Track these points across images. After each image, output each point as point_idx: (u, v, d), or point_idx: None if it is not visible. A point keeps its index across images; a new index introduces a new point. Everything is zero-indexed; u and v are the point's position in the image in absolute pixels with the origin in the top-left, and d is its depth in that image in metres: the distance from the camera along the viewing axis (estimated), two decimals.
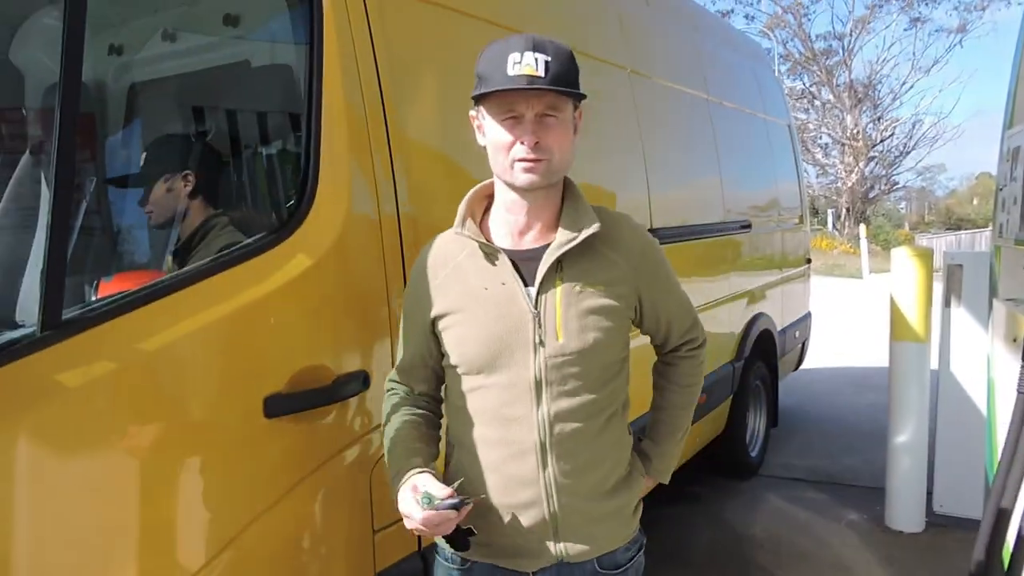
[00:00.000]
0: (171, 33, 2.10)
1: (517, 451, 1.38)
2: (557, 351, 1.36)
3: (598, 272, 1.40)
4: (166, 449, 1.31)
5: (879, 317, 7.21)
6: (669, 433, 1.62)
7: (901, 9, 29.66)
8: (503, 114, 1.31)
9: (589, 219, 1.40)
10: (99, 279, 1.55)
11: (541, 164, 1.31)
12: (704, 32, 4.12)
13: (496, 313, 1.37)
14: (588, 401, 1.40)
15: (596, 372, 1.41)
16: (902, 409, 3.66)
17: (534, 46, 1.29)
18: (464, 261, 1.41)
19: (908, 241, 27.18)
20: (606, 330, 1.40)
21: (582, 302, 1.38)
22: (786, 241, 5.01)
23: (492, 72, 1.30)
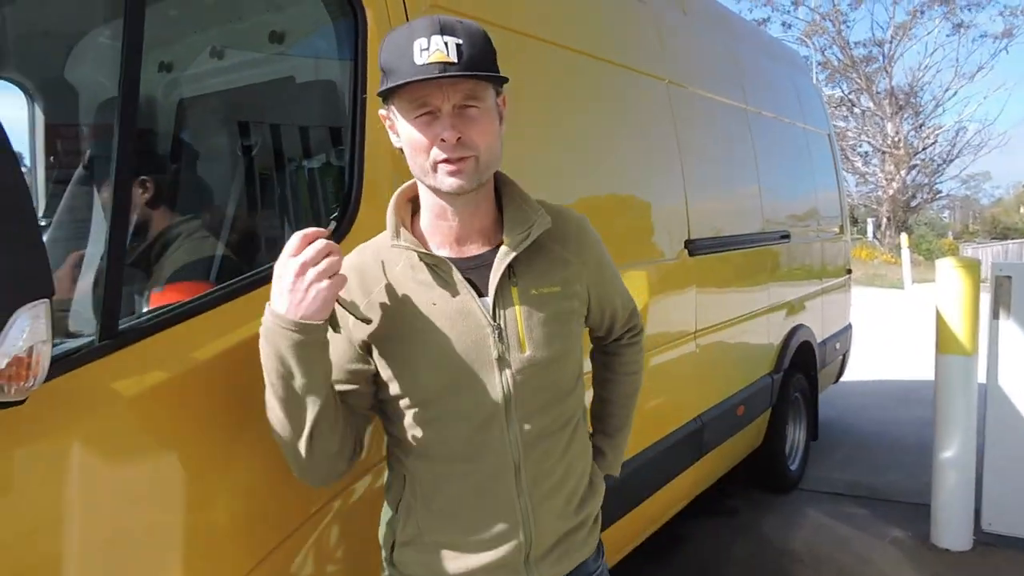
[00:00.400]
0: (219, 50, 2.16)
1: (489, 480, 1.25)
2: (523, 364, 1.23)
3: (552, 272, 1.28)
4: (218, 458, 1.34)
5: (922, 329, 7.05)
6: (621, 425, 1.56)
7: (944, 15, 29.06)
8: (416, 110, 1.15)
9: (537, 215, 1.27)
10: (150, 289, 1.60)
11: (467, 163, 1.16)
12: (741, 41, 4.09)
13: (451, 330, 1.21)
14: (557, 413, 1.29)
15: (563, 381, 1.30)
16: (948, 423, 3.57)
17: (441, 28, 1.12)
18: (401, 275, 1.24)
19: (952, 251, 26.50)
20: (570, 335, 1.30)
21: (542, 308, 1.25)
22: (826, 251, 4.93)
23: (397, 63, 1.13)
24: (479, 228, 1.26)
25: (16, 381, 0.96)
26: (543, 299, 1.26)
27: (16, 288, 0.93)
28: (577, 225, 1.36)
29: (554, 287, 1.28)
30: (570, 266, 1.31)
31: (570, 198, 2.39)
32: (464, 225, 1.25)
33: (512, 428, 1.24)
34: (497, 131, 1.21)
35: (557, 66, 2.38)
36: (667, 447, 2.87)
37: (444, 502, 1.27)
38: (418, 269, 1.23)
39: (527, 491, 1.26)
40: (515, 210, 1.27)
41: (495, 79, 1.19)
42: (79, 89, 2.29)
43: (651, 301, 2.77)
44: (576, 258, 1.33)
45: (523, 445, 1.25)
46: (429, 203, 1.25)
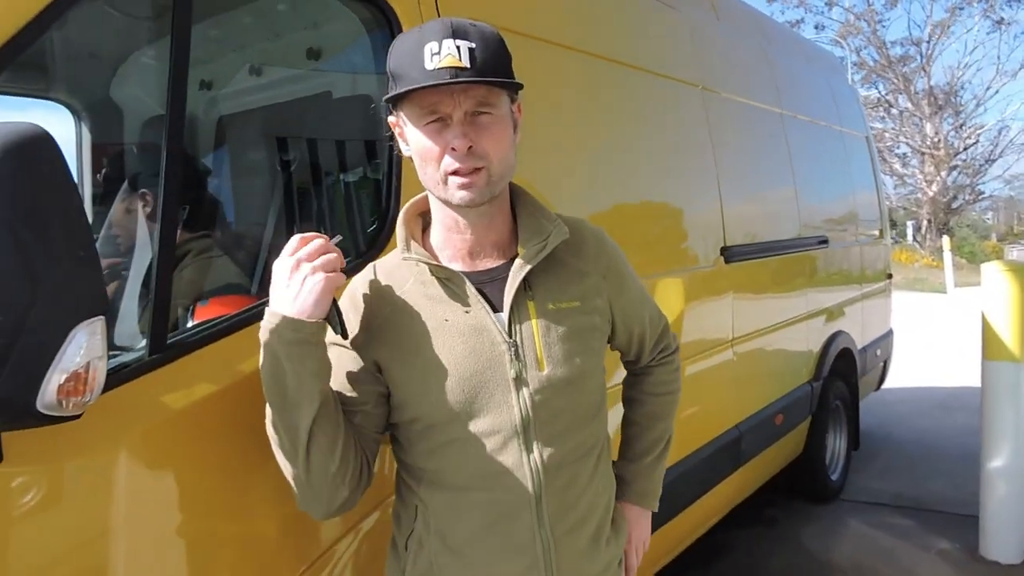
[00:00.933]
0: (257, 68, 2.21)
1: (508, 510, 1.16)
2: (542, 384, 1.16)
3: (570, 286, 1.21)
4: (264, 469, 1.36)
5: (966, 334, 6.87)
6: (644, 450, 1.41)
7: (983, 12, 28.41)
8: (426, 117, 1.09)
9: (553, 226, 1.20)
10: (195, 303, 1.63)
11: (479, 175, 1.10)
12: (775, 44, 4.05)
13: (464, 348, 1.14)
14: (579, 439, 1.21)
15: (585, 403, 1.22)
16: (996, 432, 3.48)
17: (454, 32, 1.06)
18: (412, 291, 1.18)
19: (997, 253, 25.82)
20: (591, 352, 1.22)
21: (561, 323, 1.18)
22: (865, 256, 4.84)
23: (407, 68, 1.07)
24: (494, 241, 1.20)
25: (74, 396, 0.99)
26: (561, 314, 1.19)
27: (74, 306, 0.96)
28: (594, 237, 1.30)
29: (573, 301, 1.21)
30: (588, 279, 1.25)
31: (606, 206, 2.38)
32: (478, 238, 1.19)
33: (532, 454, 1.15)
34: (511, 140, 1.15)
35: (591, 75, 2.38)
36: (705, 456, 2.84)
37: (459, 536, 1.18)
38: (429, 284, 1.17)
39: (548, 525, 1.17)
40: (530, 221, 1.21)
41: (510, 85, 1.11)
42: (124, 108, 2.36)
43: (687, 309, 2.75)
44: (594, 271, 1.26)
45: (544, 473, 1.16)
46: (441, 216, 1.19)
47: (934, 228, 29.53)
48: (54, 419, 1.00)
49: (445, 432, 1.16)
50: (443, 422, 1.16)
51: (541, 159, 2.10)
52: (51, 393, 0.97)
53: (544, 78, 2.17)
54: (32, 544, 1.09)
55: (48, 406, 0.98)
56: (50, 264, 0.93)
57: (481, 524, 1.17)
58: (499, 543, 1.17)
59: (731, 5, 3.64)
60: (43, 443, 1.08)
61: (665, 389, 1.45)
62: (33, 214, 0.92)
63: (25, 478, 1.08)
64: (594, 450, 1.25)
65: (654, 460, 1.44)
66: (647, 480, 1.43)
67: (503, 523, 1.17)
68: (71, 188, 0.96)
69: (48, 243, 0.93)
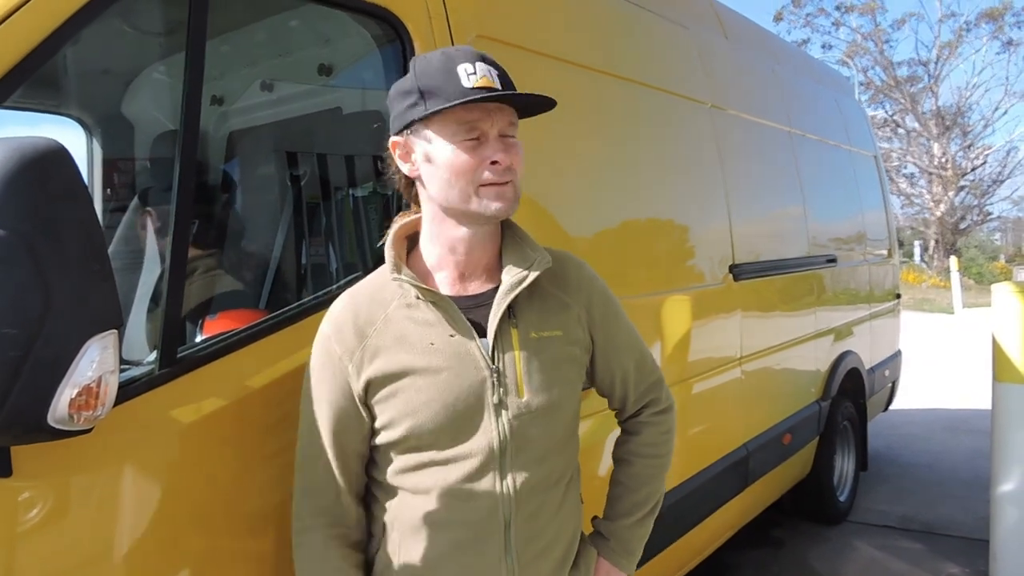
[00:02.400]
0: (268, 83, 2.22)
1: (477, 534, 1.18)
2: (521, 411, 1.18)
3: (552, 316, 1.24)
4: (273, 484, 1.35)
5: (974, 355, 6.82)
6: (625, 511, 1.38)
7: (991, 34, 28.49)
8: (463, 134, 1.12)
9: (537, 255, 1.23)
10: (204, 317, 1.63)
11: (509, 187, 1.15)
12: (783, 63, 4.06)
13: (449, 372, 1.16)
14: (551, 467, 1.23)
15: (559, 432, 1.24)
16: (1007, 456, 3.43)
17: (481, 57, 1.13)
18: (395, 314, 1.18)
19: (1005, 274, 25.68)
20: (569, 382, 1.24)
21: (542, 352, 1.21)
22: (873, 275, 4.82)
23: (442, 86, 1.11)
24: (484, 264, 1.23)
25: (85, 410, 0.99)
26: (543, 343, 1.22)
27: (88, 320, 0.96)
28: (577, 269, 1.32)
29: (555, 331, 1.23)
30: (570, 310, 1.26)
31: (614, 223, 2.38)
32: (471, 260, 1.22)
33: (505, 479, 1.17)
34: None
35: (600, 92, 2.39)
36: (712, 476, 2.82)
37: (427, 556, 1.19)
38: (414, 307, 1.19)
39: (515, 551, 1.19)
40: (516, 248, 1.24)
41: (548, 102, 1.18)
42: (135, 124, 2.38)
43: (695, 327, 2.74)
44: (576, 303, 1.28)
45: (516, 499, 1.18)
46: (442, 237, 1.21)
47: (942, 248, 29.44)
48: (65, 433, 1.00)
49: (423, 454, 1.17)
50: (424, 444, 1.17)
51: (550, 176, 2.10)
52: (63, 407, 0.97)
53: (553, 95, 2.17)
54: (40, 558, 1.08)
55: (59, 420, 0.97)
56: (64, 277, 0.93)
57: (450, 545, 1.18)
58: (468, 565, 1.19)
59: (739, 24, 3.65)
60: (52, 457, 1.08)
61: (653, 452, 1.41)
62: (48, 227, 0.92)
63: (34, 492, 1.08)
64: (563, 479, 1.27)
65: (635, 523, 1.40)
66: (625, 542, 1.40)
67: (472, 546, 1.18)
68: (86, 201, 0.97)
69: (62, 256, 0.93)
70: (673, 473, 2.61)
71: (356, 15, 1.69)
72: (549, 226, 2.06)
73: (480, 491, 1.17)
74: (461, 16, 1.83)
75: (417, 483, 1.18)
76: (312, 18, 1.96)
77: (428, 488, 1.18)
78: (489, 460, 1.16)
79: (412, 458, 1.18)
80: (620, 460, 1.43)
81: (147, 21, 1.88)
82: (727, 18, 3.49)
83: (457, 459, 1.16)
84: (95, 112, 2.42)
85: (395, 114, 1.19)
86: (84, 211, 0.95)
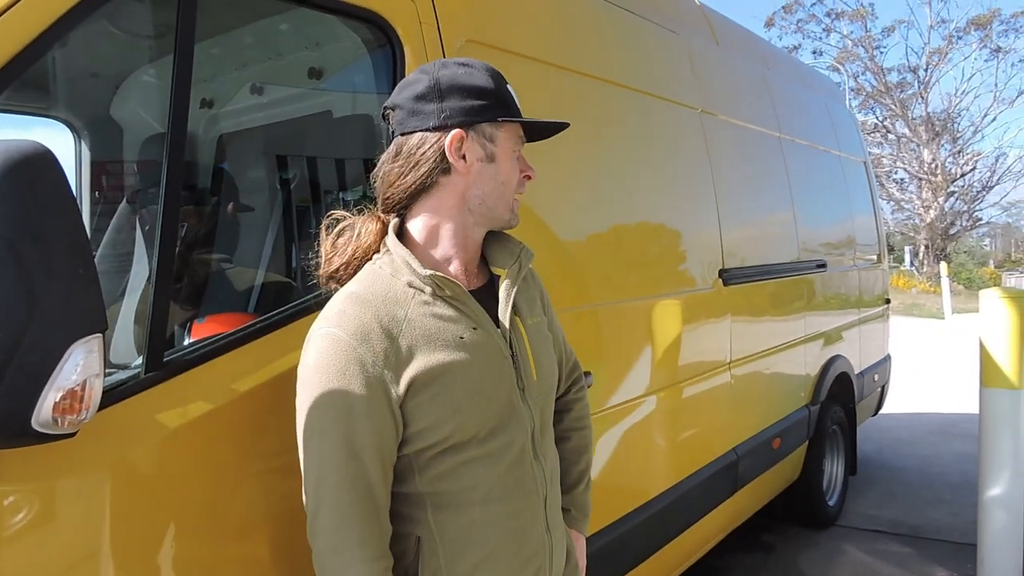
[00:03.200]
0: (259, 87, 2.22)
1: (524, 521, 1.20)
2: (539, 393, 1.26)
3: (534, 304, 1.35)
4: (261, 489, 1.35)
5: (963, 360, 6.86)
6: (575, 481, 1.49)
7: (980, 41, 28.71)
8: (519, 148, 1.26)
9: (520, 246, 1.31)
10: (192, 321, 1.63)
11: None
12: (774, 69, 4.09)
13: (482, 365, 1.17)
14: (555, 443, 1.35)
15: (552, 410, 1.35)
16: (995, 460, 3.45)
17: None
18: (417, 314, 1.15)
19: (995, 280, 25.86)
20: (555, 360, 1.37)
21: (539, 336, 1.31)
22: (863, 280, 4.85)
23: (507, 97, 1.22)
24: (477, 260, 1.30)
25: (69, 414, 0.98)
26: (537, 328, 1.31)
27: (72, 323, 0.96)
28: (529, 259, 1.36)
29: (539, 317, 1.34)
30: (537, 298, 1.38)
31: (604, 227, 2.39)
32: (473, 256, 1.28)
33: (539, 459, 1.24)
34: None
35: (589, 97, 2.40)
36: (701, 481, 2.82)
37: (476, 554, 1.17)
38: (432, 304, 1.16)
39: (550, 528, 1.26)
40: (499, 242, 1.31)
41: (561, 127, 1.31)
42: (124, 126, 2.37)
43: (685, 331, 2.75)
44: (536, 290, 1.40)
45: (549, 477, 1.26)
46: (459, 233, 1.23)
47: (931, 254, 29.63)
48: (49, 437, 0.99)
49: (468, 451, 1.15)
50: (467, 440, 1.15)
51: (539, 181, 2.09)
52: (47, 411, 0.96)
53: (543, 100, 2.18)
54: (25, 564, 1.07)
55: (44, 424, 0.97)
56: (49, 281, 0.92)
57: (499, 538, 1.18)
58: (514, 554, 1.20)
59: (730, 30, 3.67)
60: (37, 461, 1.07)
61: (583, 424, 1.53)
62: (33, 231, 0.92)
63: (18, 497, 1.07)
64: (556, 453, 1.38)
65: (584, 489, 1.51)
66: (581, 507, 1.51)
67: (520, 533, 1.20)
68: (71, 205, 0.96)
69: (47, 260, 0.92)
70: (662, 477, 2.62)
71: (346, 19, 1.69)
72: (538, 231, 2.07)
73: (523, 476, 1.21)
74: (451, 21, 1.84)
75: (461, 484, 1.15)
76: (302, 22, 1.96)
77: (472, 486, 1.16)
78: (527, 445, 1.21)
79: (452, 459, 1.15)
80: (559, 438, 1.45)
81: (136, 23, 1.88)
82: (718, 23, 3.51)
83: (502, 450, 1.18)
84: (84, 115, 2.41)
85: (459, 106, 1.17)
86: (69, 215, 0.95)
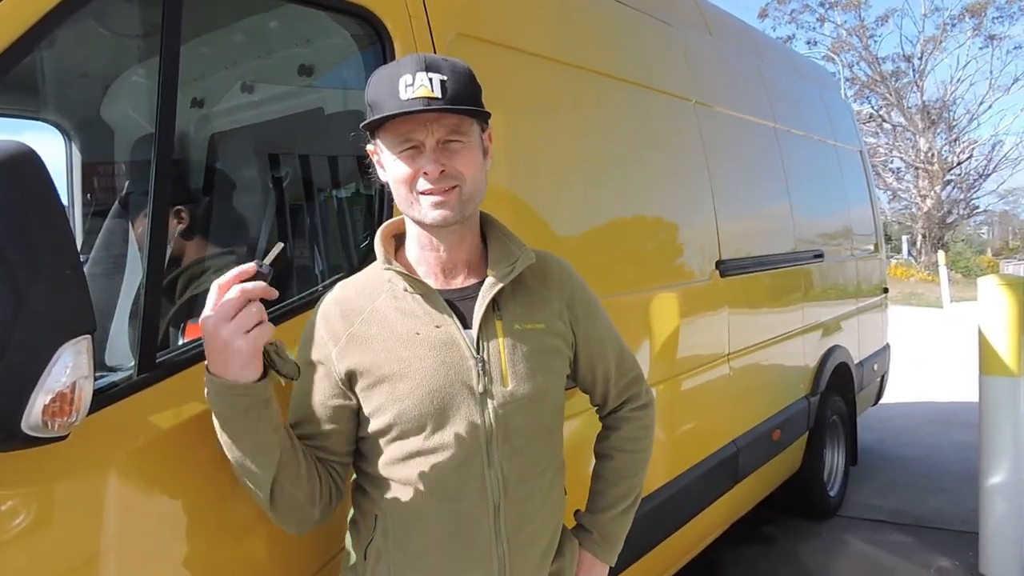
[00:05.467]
0: (249, 85, 2.21)
1: (468, 521, 1.21)
2: (506, 399, 1.21)
3: (535, 310, 1.29)
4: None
5: (962, 349, 6.86)
6: (607, 505, 1.42)
7: (974, 28, 28.71)
8: (400, 145, 1.17)
9: (521, 251, 1.28)
10: (186, 321, 1.62)
11: (452, 194, 1.17)
12: (768, 60, 4.07)
13: (434, 360, 1.19)
14: (538, 457, 1.27)
15: (544, 420, 1.28)
16: (995, 448, 3.46)
17: (427, 66, 1.15)
18: (383, 304, 1.23)
19: (992, 268, 25.90)
20: (552, 373, 1.29)
21: (526, 343, 1.25)
22: (861, 270, 4.84)
23: (383, 98, 1.15)
24: (465, 259, 1.27)
25: (59, 417, 0.97)
26: (526, 334, 1.26)
27: (60, 325, 0.95)
28: (559, 267, 1.37)
29: (538, 323, 1.28)
30: (552, 305, 1.31)
31: (600, 220, 2.38)
32: (451, 256, 1.26)
33: (493, 466, 1.21)
34: (481, 164, 1.22)
35: (583, 89, 2.38)
36: (701, 473, 2.82)
37: (419, 545, 1.22)
38: (401, 299, 1.23)
39: (505, 537, 1.22)
40: (500, 245, 1.29)
41: (479, 114, 1.19)
42: (114, 127, 2.35)
43: (682, 323, 2.74)
44: (558, 298, 1.33)
45: (504, 486, 1.22)
46: (415, 234, 1.26)
47: (929, 243, 29.66)
48: (40, 440, 0.98)
49: (411, 443, 1.20)
50: (411, 432, 1.19)
51: (534, 174, 2.09)
52: (36, 414, 0.95)
53: (536, 92, 2.17)
54: (18, 570, 1.07)
55: (33, 427, 0.96)
56: (36, 282, 0.92)
57: (441, 534, 1.21)
58: (458, 553, 1.21)
59: (724, 20, 3.66)
60: (28, 465, 1.06)
61: (632, 447, 1.45)
62: (19, 232, 0.91)
63: (10, 502, 1.06)
64: (548, 470, 1.31)
65: (617, 516, 1.44)
66: (607, 534, 1.44)
67: (463, 533, 1.21)
68: (57, 206, 0.95)
69: (34, 261, 0.92)
70: (662, 470, 2.61)
71: (336, 15, 1.68)
72: (534, 224, 2.06)
73: (470, 478, 1.20)
74: (441, 15, 1.82)
75: (407, 474, 1.21)
76: (292, 18, 1.94)
77: (417, 478, 1.20)
78: (476, 448, 1.20)
79: (399, 448, 1.21)
80: (601, 455, 1.47)
81: (124, 23, 1.86)
82: (711, 15, 3.49)
83: (444, 447, 1.19)
84: (73, 117, 2.40)
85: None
86: (55, 215, 0.94)
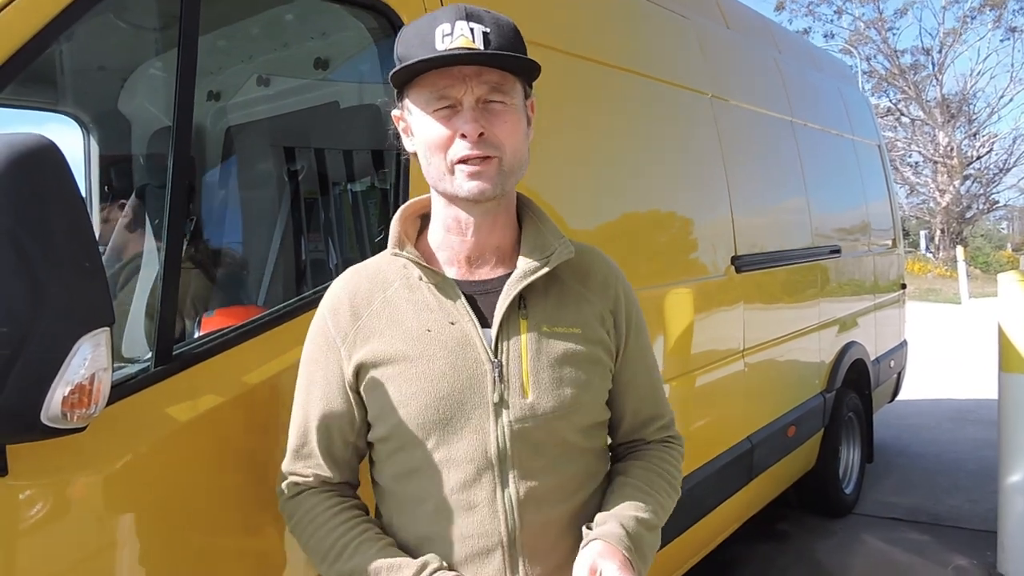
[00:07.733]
0: (265, 78, 2.21)
1: (478, 549, 1.04)
2: (525, 413, 1.04)
3: (570, 311, 1.10)
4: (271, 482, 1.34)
5: (981, 345, 6.80)
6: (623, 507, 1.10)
7: (994, 20, 28.29)
8: (435, 103, 1.00)
9: (559, 243, 1.10)
10: (202, 314, 1.62)
11: (490, 164, 1.01)
12: (786, 53, 4.03)
13: (444, 363, 1.04)
14: (563, 478, 1.08)
15: (573, 439, 1.09)
16: (1014, 446, 3.41)
17: (467, 15, 0.99)
18: (396, 295, 1.08)
19: (1012, 263, 25.58)
20: (585, 384, 1.08)
21: (555, 348, 1.07)
22: (878, 265, 4.80)
23: (416, 50, 0.99)
24: (495, 246, 1.10)
25: (78, 408, 0.98)
26: (557, 338, 1.07)
27: (79, 317, 0.95)
28: (605, 267, 1.18)
29: (573, 328, 1.09)
30: (592, 307, 1.12)
31: (615, 215, 2.37)
32: (479, 241, 1.09)
33: (507, 489, 1.04)
34: (524, 132, 1.06)
35: (600, 83, 2.37)
36: (716, 469, 2.80)
37: None
38: (415, 289, 1.08)
39: (522, 570, 1.05)
40: (535, 233, 1.11)
41: (527, 71, 1.04)
42: (132, 120, 2.37)
43: (697, 319, 2.72)
44: (600, 301, 1.14)
45: (519, 511, 1.04)
46: (442, 215, 1.09)
47: (947, 238, 29.33)
48: (59, 432, 0.99)
49: (416, 455, 1.06)
50: (412, 443, 1.05)
51: (550, 168, 2.08)
52: (56, 405, 0.96)
53: (553, 86, 2.16)
54: (37, 558, 1.08)
55: (53, 419, 0.97)
56: (54, 275, 0.92)
57: (449, 562, 1.05)
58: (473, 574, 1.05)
59: (741, 13, 3.63)
60: (48, 456, 1.07)
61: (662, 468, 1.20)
62: (38, 225, 0.91)
63: (30, 491, 1.07)
64: (581, 492, 1.11)
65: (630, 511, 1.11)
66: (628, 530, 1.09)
67: (472, 563, 1.04)
68: (76, 198, 0.96)
69: (52, 254, 0.92)
70: None
71: (351, 8, 1.68)
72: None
73: (480, 500, 1.03)
74: None
75: (412, 491, 1.07)
76: (308, 12, 1.94)
77: (423, 496, 1.06)
78: (486, 467, 1.03)
79: (403, 461, 1.07)
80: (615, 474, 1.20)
81: (142, 16, 1.87)
82: (728, 7, 3.46)
83: (449, 464, 1.04)
84: (91, 109, 2.42)
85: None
86: (74, 208, 0.94)
